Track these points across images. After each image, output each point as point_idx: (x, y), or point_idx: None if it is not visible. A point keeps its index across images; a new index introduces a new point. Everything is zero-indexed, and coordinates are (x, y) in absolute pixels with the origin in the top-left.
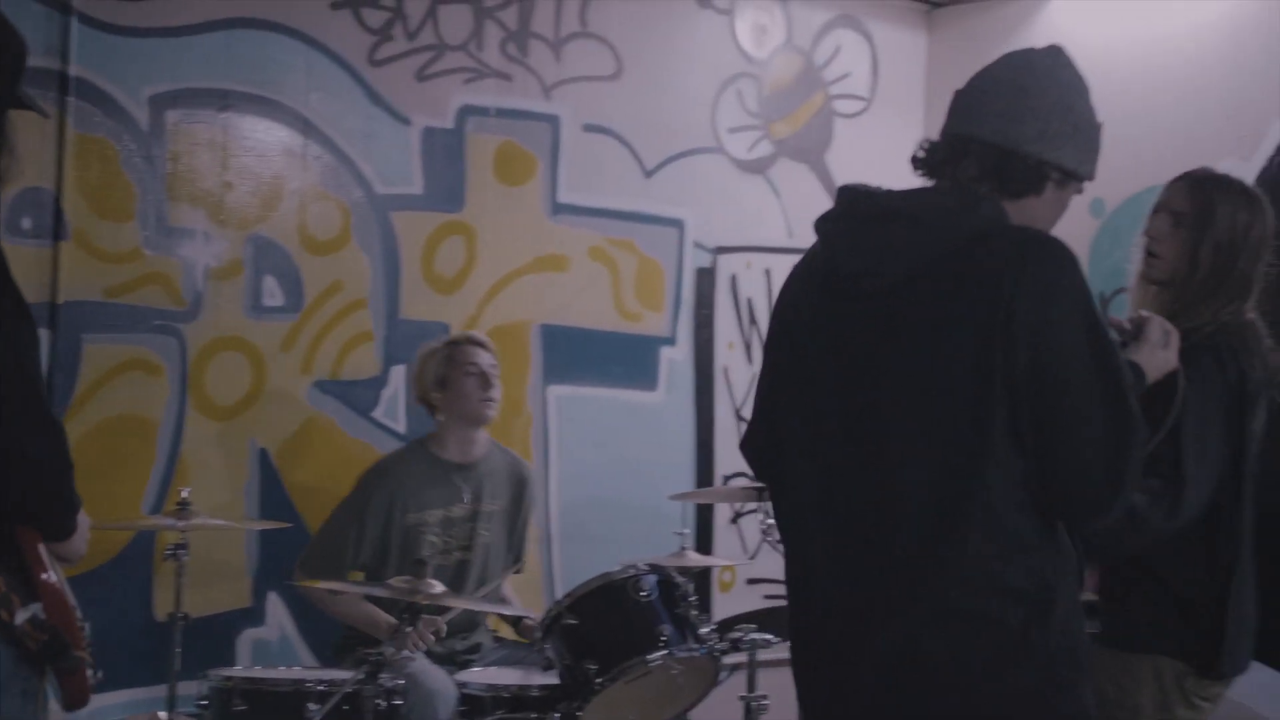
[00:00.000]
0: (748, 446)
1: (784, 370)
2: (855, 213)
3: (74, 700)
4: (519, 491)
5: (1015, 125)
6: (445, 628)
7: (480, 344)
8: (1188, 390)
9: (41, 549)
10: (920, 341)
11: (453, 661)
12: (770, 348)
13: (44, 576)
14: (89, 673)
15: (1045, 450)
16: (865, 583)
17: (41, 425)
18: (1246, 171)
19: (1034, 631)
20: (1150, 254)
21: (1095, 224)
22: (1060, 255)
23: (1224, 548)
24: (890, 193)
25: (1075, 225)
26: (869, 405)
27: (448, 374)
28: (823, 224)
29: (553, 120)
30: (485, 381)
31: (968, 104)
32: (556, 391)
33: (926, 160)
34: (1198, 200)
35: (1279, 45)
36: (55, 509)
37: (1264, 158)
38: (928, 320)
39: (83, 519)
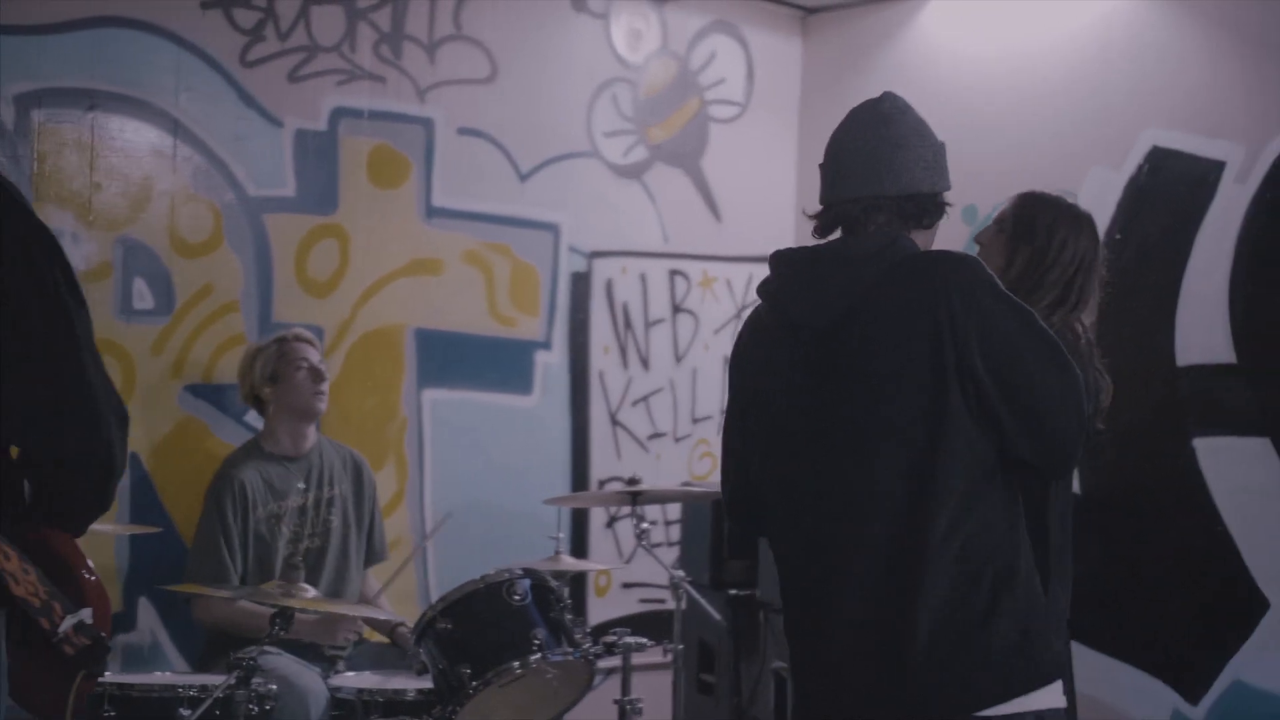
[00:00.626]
0: (737, 503)
1: (753, 417)
2: (790, 267)
3: (80, 706)
4: (357, 477)
5: (908, 173)
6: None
7: (310, 341)
8: None
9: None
10: (874, 360)
11: (322, 659)
12: (735, 401)
13: (87, 575)
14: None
15: (1018, 413)
16: (855, 577)
17: (123, 425)
18: (1116, 180)
19: (1004, 597)
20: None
21: (968, 230)
22: (970, 260)
23: (1052, 534)
24: (817, 245)
25: (949, 232)
26: (838, 421)
27: (279, 369)
28: (764, 286)
29: (427, 123)
30: (317, 375)
31: (851, 169)
32: (431, 396)
33: (832, 226)
34: (1021, 211)
35: (1148, 57)
36: (104, 508)
37: (1133, 166)
38: (876, 339)
39: None
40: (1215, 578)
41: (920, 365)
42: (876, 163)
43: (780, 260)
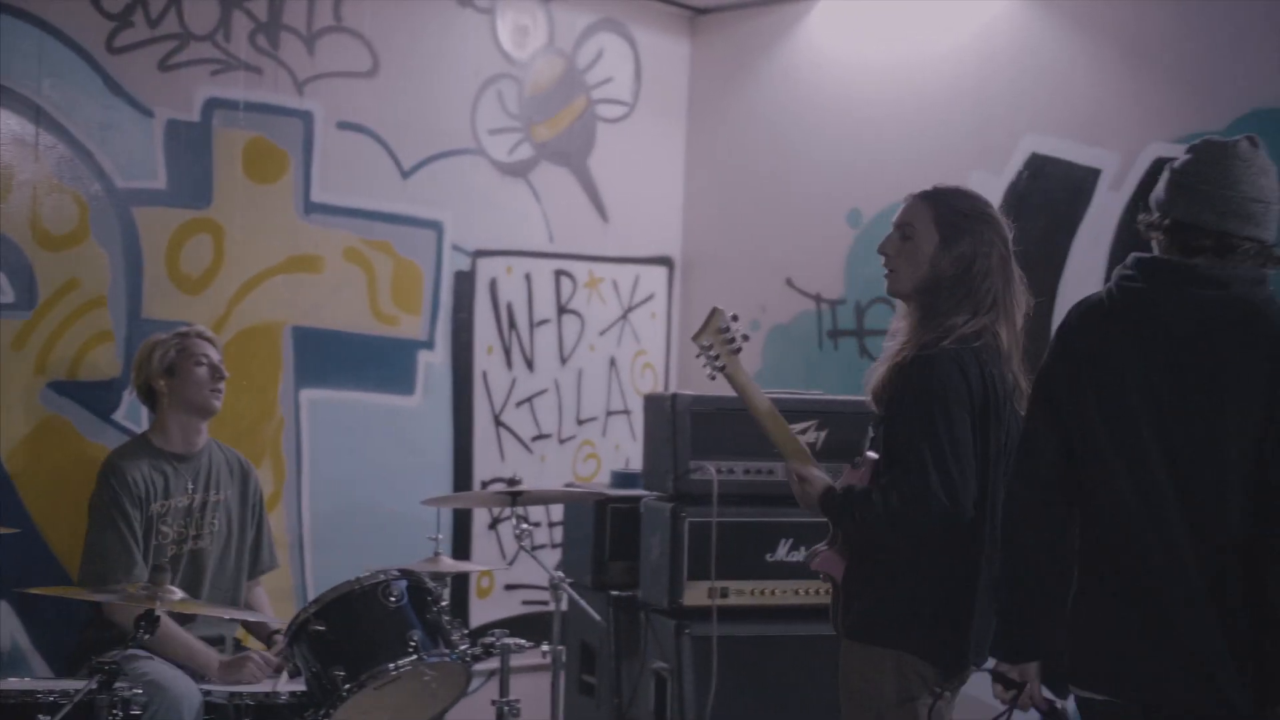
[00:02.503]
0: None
1: (1090, 401)
2: (1164, 275)
3: None
4: (244, 483)
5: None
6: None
7: (211, 340)
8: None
9: None
10: (1218, 382)
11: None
12: (1064, 383)
13: None
14: None
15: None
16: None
17: None
18: (996, 185)
19: None
20: (888, 270)
21: (852, 234)
22: None
23: (969, 549)
24: (1191, 262)
25: (833, 234)
26: (1183, 420)
27: (178, 363)
28: (1127, 282)
29: (305, 117)
30: (216, 373)
31: (1249, 214)
32: (309, 395)
33: (1199, 251)
34: (931, 214)
35: (1029, 64)
36: None
37: (1013, 171)
38: (1228, 359)
39: None
40: None
41: (1256, 396)
42: (1270, 214)
43: (1148, 266)
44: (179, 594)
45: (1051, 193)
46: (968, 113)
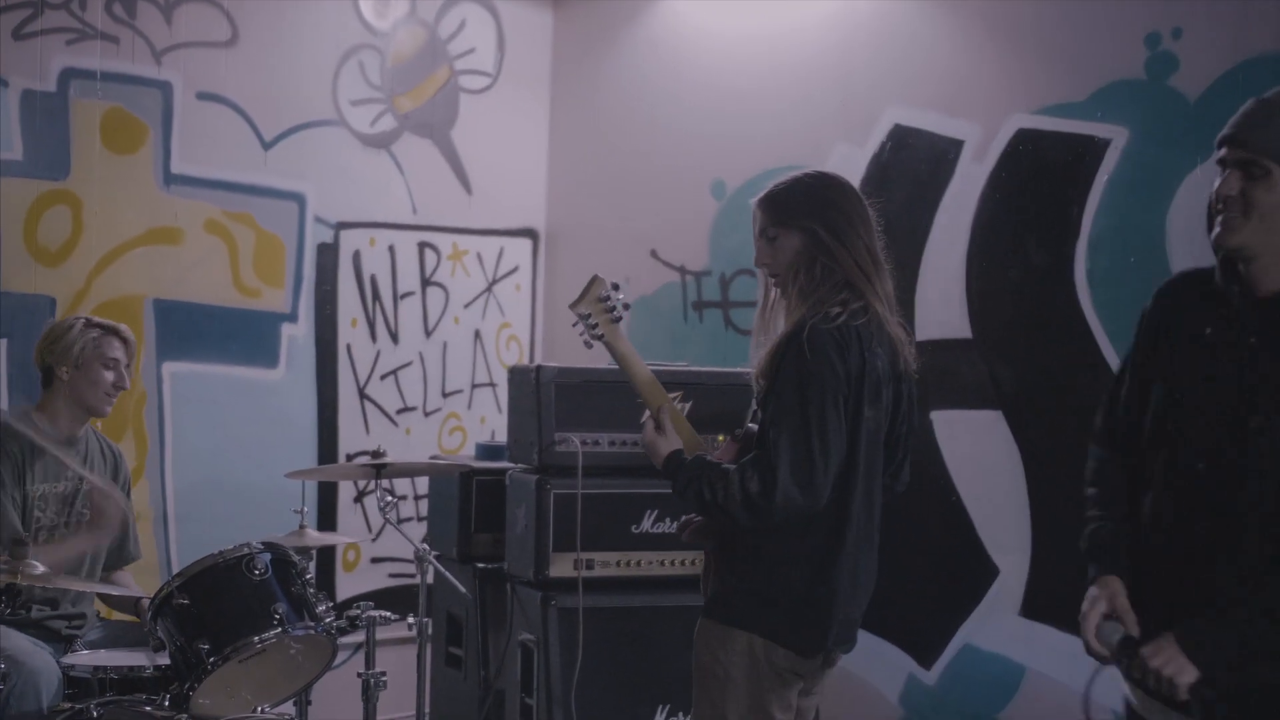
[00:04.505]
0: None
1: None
2: None
3: None
4: (114, 472)
5: None
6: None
7: (127, 341)
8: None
9: None
10: None
11: (58, 640)
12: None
13: None
14: None
15: None
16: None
17: None
18: (860, 156)
19: None
20: (772, 276)
21: (717, 205)
22: None
23: (835, 532)
24: None
25: (697, 206)
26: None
27: (87, 358)
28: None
29: (164, 87)
30: (120, 380)
31: None
32: (171, 369)
33: None
34: (773, 215)
35: (892, 35)
36: None
37: (876, 143)
38: None
39: None
40: (950, 546)
41: None
42: None
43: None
44: (40, 567)
45: (914, 164)
46: (832, 85)
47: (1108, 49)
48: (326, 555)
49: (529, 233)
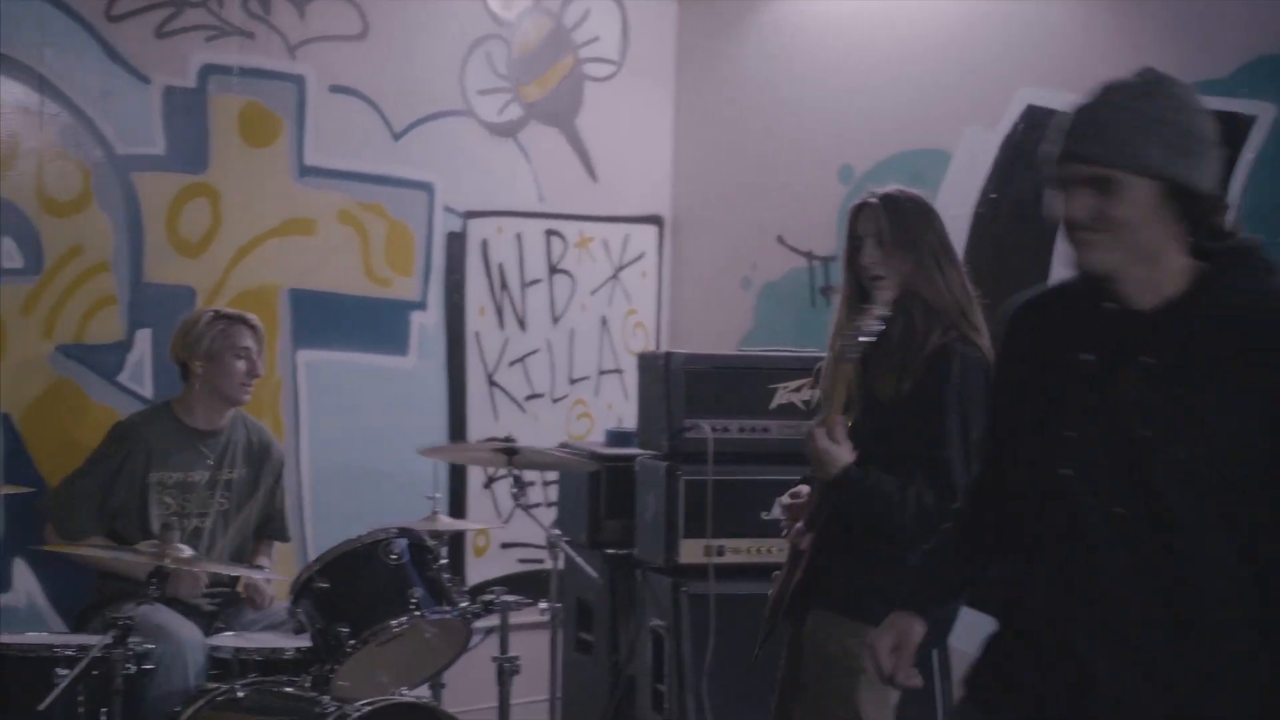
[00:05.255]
0: None
1: None
2: None
3: None
4: (259, 461)
5: None
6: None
7: (255, 329)
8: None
9: None
10: None
11: (204, 618)
12: None
13: None
14: None
15: None
16: None
17: None
18: (991, 139)
19: None
20: (874, 278)
21: (843, 190)
22: None
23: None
24: None
25: (824, 191)
26: None
27: (218, 349)
28: None
29: (298, 80)
30: (252, 369)
31: None
32: (306, 357)
33: None
34: (891, 219)
35: (1020, 15)
36: None
37: (1008, 125)
38: None
39: None
40: None
41: None
42: None
43: None
44: (187, 551)
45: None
46: (960, 66)
47: (1251, 23)
48: (457, 541)
49: (654, 219)
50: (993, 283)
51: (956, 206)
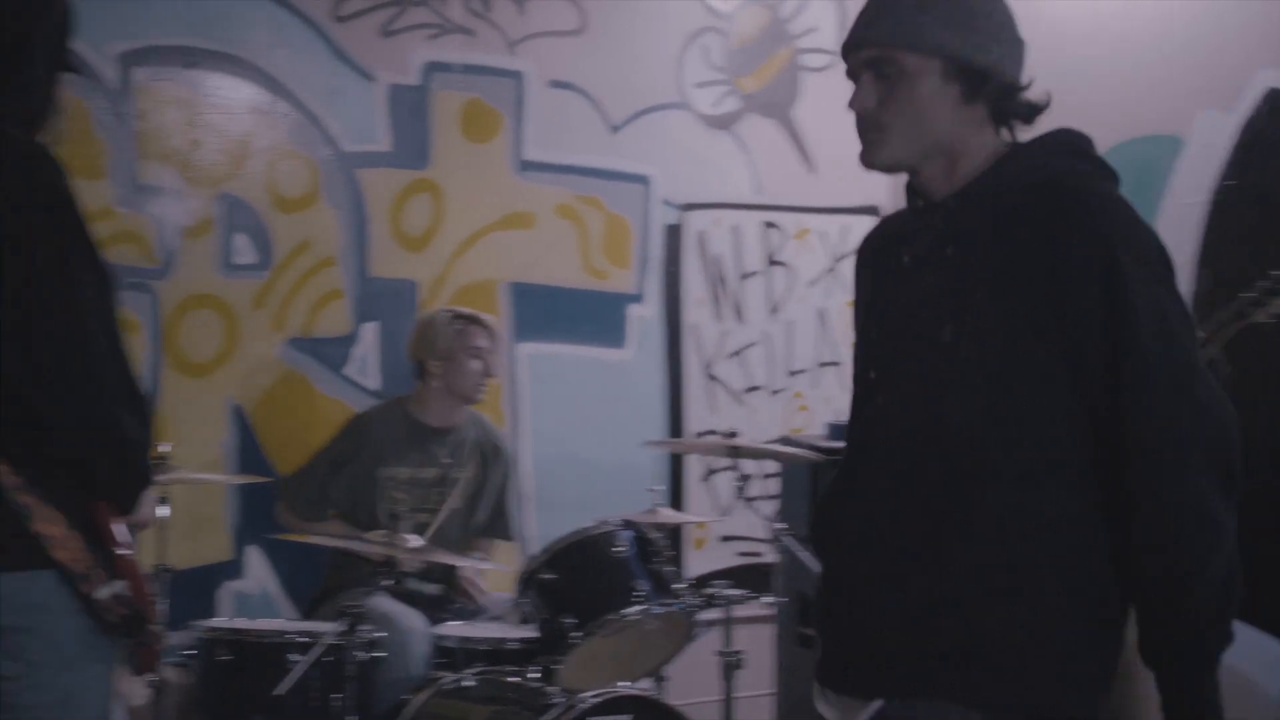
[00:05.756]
0: None
1: None
2: None
3: (144, 668)
4: (489, 460)
5: None
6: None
7: (491, 330)
8: None
9: (114, 522)
10: None
11: (429, 607)
12: None
13: (121, 552)
14: (158, 643)
15: None
16: None
17: (134, 401)
18: (1228, 124)
19: None
20: None
21: None
22: None
23: None
24: None
25: None
26: None
27: (453, 349)
28: None
29: (517, 76)
30: (487, 369)
31: None
32: (526, 349)
33: None
34: None
35: None
36: (137, 486)
37: (1247, 109)
38: None
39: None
40: None
41: None
42: None
43: None
44: (416, 541)
45: None
46: (1194, 48)
47: None
48: (675, 534)
49: (871, 210)
50: (1232, 274)
51: (1190, 194)
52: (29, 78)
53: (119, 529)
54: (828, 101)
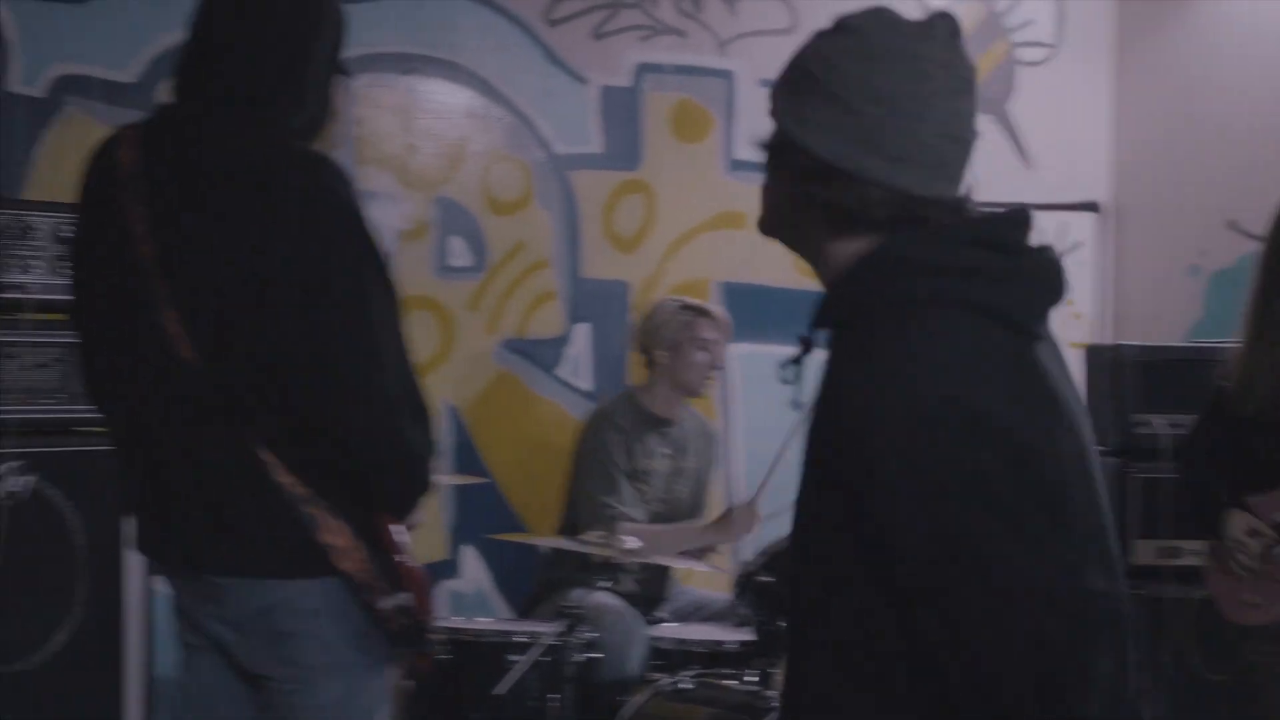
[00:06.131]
0: None
1: None
2: None
3: (418, 673)
4: (708, 449)
5: None
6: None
7: (719, 321)
8: None
9: (392, 530)
10: None
11: (645, 607)
12: None
13: (403, 560)
14: (435, 652)
15: None
16: None
17: (418, 412)
18: None
19: None
20: None
21: None
22: None
23: None
24: None
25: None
26: None
27: (681, 340)
28: None
29: (727, 76)
30: (714, 361)
31: None
32: (738, 350)
33: None
34: None
35: None
36: (418, 496)
37: None
38: None
39: None
40: None
41: None
42: None
43: None
44: (635, 542)
45: None
46: None
47: None
48: None
49: (1091, 206)
50: None
51: None
52: (309, 87)
53: (400, 536)
54: (1044, 96)
